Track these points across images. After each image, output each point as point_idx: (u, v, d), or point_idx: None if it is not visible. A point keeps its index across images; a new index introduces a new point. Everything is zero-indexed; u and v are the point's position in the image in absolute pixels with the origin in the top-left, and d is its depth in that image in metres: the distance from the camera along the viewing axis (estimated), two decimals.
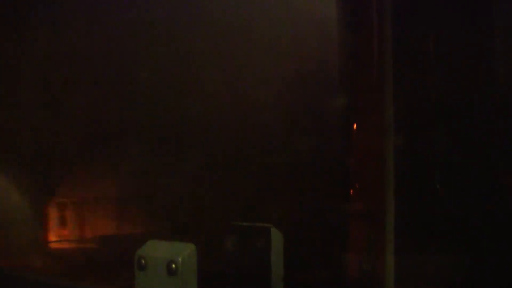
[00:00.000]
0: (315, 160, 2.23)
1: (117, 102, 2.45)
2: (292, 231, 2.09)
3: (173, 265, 1.45)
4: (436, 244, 1.86)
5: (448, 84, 1.94)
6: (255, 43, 2.34)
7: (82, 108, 2.50)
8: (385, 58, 1.98)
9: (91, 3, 2.57)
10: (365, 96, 2.06)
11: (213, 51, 2.38)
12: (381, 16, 1.99)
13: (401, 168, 1.91)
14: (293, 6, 2.30)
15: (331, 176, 2.17)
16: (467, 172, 1.84)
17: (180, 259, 1.45)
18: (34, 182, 2.57)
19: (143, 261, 1.51)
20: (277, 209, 2.21)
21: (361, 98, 2.08)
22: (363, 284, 1.97)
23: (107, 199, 2.49)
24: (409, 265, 1.88)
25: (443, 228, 1.86)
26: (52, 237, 2.51)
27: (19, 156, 2.55)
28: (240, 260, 1.62)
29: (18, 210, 2.46)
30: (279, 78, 2.31)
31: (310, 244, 2.15)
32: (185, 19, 2.39)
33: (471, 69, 1.87)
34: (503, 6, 1.84)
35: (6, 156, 2.55)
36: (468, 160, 1.84)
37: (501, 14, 1.84)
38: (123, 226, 2.42)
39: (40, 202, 2.53)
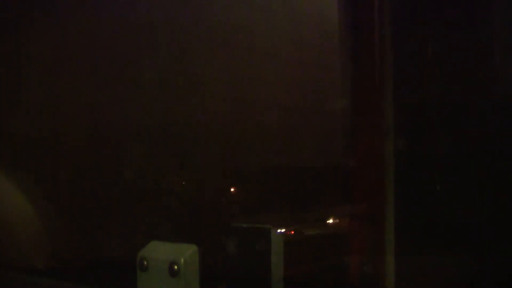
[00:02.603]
0: (316, 161, 2.23)
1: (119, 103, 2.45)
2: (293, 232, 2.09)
3: (175, 266, 1.45)
4: (436, 246, 1.86)
5: (448, 86, 1.94)
6: (256, 44, 2.34)
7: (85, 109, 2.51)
8: (385, 59, 1.98)
9: (92, 3, 2.57)
10: (365, 98, 2.06)
11: (213, 52, 2.38)
12: (381, 18, 2.00)
13: (402, 169, 1.91)
14: (294, 7, 2.30)
15: (331, 178, 2.17)
16: (467, 173, 1.84)
17: (182, 260, 1.45)
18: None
19: (145, 262, 1.51)
20: (278, 210, 2.21)
21: (361, 100, 2.08)
22: (364, 286, 1.96)
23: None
24: (409, 266, 1.88)
25: (443, 229, 1.86)
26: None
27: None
28: (240, 261, 1.62)
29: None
30: (280, 79, 2.31)
31: (311, 245, 2.15)
32: (186, 20, 2.40)
33: (471, 70, 1.87)
34: (502, 6, 1.84)
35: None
36: (468, 161, 1.84)
37: (501, 14, 1.84)
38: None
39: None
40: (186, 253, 1.47)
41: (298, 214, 2.26)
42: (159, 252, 1.52)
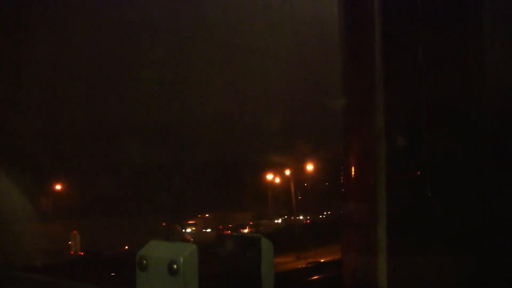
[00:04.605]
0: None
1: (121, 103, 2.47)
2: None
3: (175, 265, 1.46)
4: (429, 247, 1.87)
5: (440, 88, 1.95)
6: (255, 44, 2.35)
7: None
8: (376, 62, 1.98)
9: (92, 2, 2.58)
10: (357, 100, 2.07)
11: (213, 51, 2.39)
12: (373, 22, 1.99)
13: (394, 171, 1.92)
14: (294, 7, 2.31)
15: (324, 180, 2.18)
16: (459, 175, 1.85)
17: (181, 259, 1.46)
18: None
19: (144, 261, 1.52)
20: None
21: (353, 101, 2.08)
22: (357, 286, 1.98)
23: None
24: (402, 267, 1.89)
25: (435, 231, 1.87)
26: None
27: None
28: (232, 269, 1.63)
29: None
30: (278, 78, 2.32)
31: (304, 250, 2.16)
32: (186, 20, 2.41)
33: (463, 73, 1.89)
34: (492, 10, 1.86)
35: None
36: (460, 163, 1.85)
37: (491, 18, 1.85)
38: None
39: None
40: (185, 252, 1.48)
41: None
42: (158, 251, 1.53)
